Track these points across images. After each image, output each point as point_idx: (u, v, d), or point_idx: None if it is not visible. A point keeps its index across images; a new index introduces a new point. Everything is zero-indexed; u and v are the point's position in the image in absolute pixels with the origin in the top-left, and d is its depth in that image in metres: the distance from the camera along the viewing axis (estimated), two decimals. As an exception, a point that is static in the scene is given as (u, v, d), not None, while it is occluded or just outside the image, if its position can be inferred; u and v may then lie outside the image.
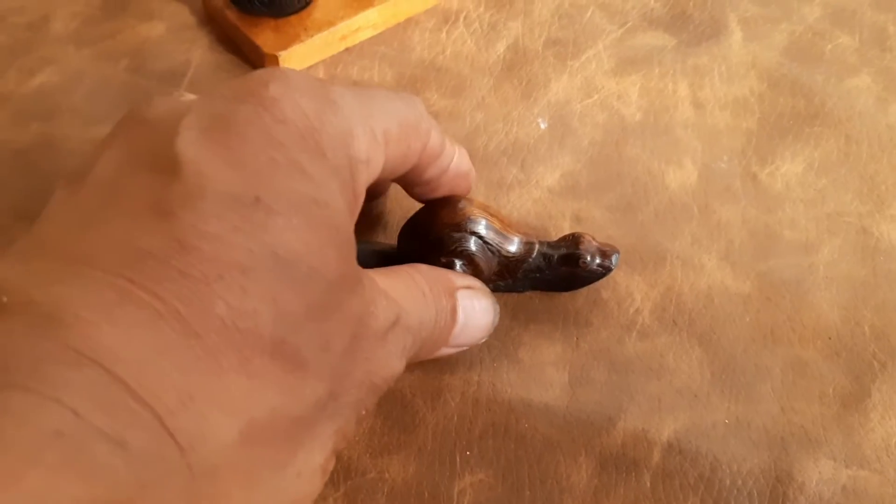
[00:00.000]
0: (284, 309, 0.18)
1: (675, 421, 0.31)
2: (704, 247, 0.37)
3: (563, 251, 0.33)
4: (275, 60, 0.43)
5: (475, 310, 0.28)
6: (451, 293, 0.27)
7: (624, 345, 0.34)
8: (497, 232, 0.31)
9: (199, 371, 0.16)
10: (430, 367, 0.32)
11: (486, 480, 0.30)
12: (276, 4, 0.43)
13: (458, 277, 0.29)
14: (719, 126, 0.41)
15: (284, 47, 0.43)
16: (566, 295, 0.35)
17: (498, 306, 0.31)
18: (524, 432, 0.31)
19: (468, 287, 0.29)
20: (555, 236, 0.37)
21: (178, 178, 0.18)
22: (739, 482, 0.30)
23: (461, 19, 0.46)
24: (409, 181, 0.29)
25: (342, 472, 0.30)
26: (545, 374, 0.33)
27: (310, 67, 0.44)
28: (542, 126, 0.41)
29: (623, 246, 0.37)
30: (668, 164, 0.40)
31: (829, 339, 0.34)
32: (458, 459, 0.30)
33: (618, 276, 0.36)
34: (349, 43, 0.45)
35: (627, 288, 0.35)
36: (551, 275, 0.33)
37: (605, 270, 0.33)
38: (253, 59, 0.44)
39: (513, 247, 0.32)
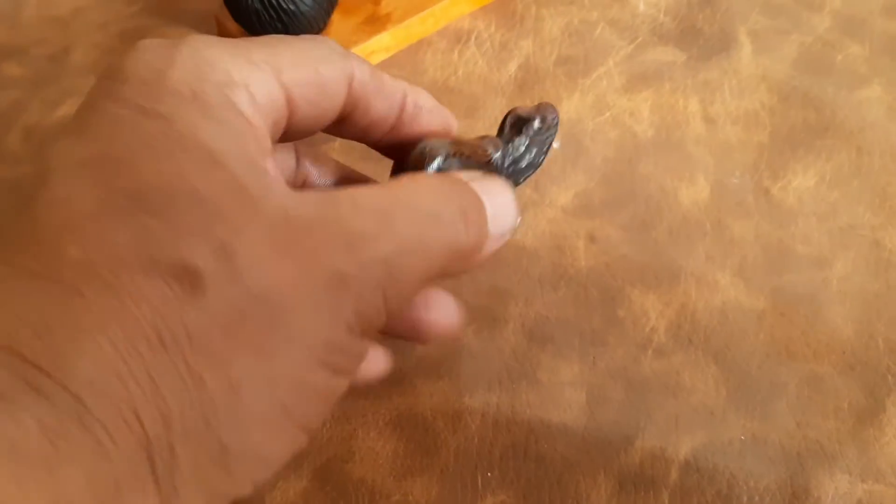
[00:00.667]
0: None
1: (692, 439, 0.32)
2: (718, 263, 0.37)
3: (509, 127, 0.30)
4: (291, 87, 0.44)
5: (494, 193, 0.25)
6: (463, 186, 0.24)
7: (640, 364, 0.34)
8: (465, 143, 0.28)
9: (57, 304, 0.17)
10: (450, 390, 0.33)
11: (507, 501, 0.31)
12: (290, 30, 0.44)
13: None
14: (731, 141, 0.41)
15: (300, 73, 0.44)
16: (582, 314, 0.36)
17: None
18: (544, 453, 0.32)
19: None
20: (570, 256, 0.38)
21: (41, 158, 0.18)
22: (756, 498, 0.30)
23: (472, 39, 0.47)
24: (360, 128, 0.26)
25: (367, 496, 0.31)
26: (563, 394, 0.33)
27: (325, 91, 0.45)
28: (556, 146, 0.42)
29: (638, 264, 0.37)
30: (680, 180, 0.40)
31: (844, 353, 0.34)
32: (479, 481, 0.31)
33: (633, 295, 0.36)
34: (363, 66, 0.46)
35: (643, 306, 0.36)
36: (519, 156, 0.30)
37: (552, 133, 0.30)
38: (269, 85, 0.45)
39: (489, 148, 0.28)
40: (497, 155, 0.28)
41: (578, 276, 0.37)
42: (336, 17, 0.46)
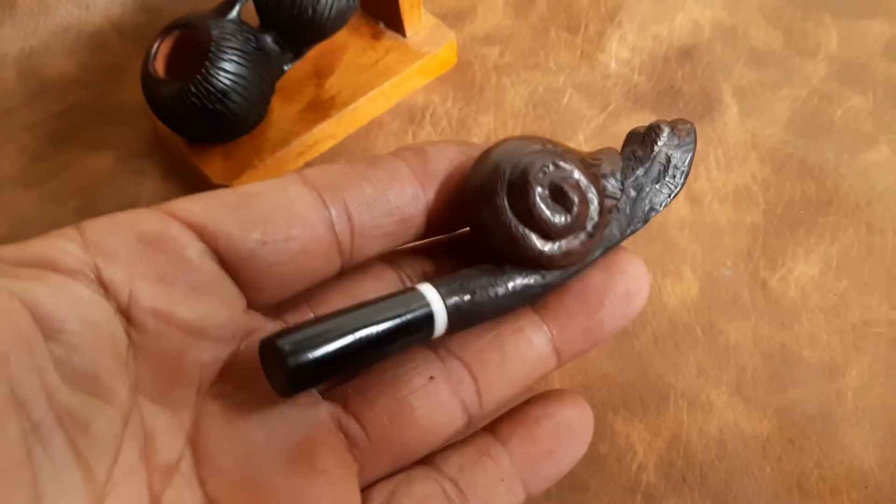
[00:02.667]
0: None
1: None
2: (712, 379, 0.32)
3: (631, 141, 0.23)
4: (226, 193, 0.39)
5: None
6: None
7: (627, 513, 0.29)
8: (573, 154, 0.21)
9: None
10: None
11: None
12: (223, 130, 0.39)
13: None
14: (720, 223, 0.36)
15: (236, 176, 0.39)
16: (558, 452, 0.31)
17: None
18: None
19: None
20: (542, 379, 0.33)
21: None
22: None
23: (427, 117, 0.42)
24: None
25: None
26: (538, 562, 0.29)
27: (267, 191, 0.41)
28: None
29: (620, 385, 0.32)
30: (664, 275, 0.35)
31: (866, 488, 0.29)
32: None
33: (616, 424, 0.31)
34: (308, 157, 0.42)
35: (628, 438, 0.31)
36: (651, 173, 0.22)
37: (690, 141, 0.23)
38: (204, 189, 0.41)
39: (603, 157, 0.22)
40: (614, 165, 0.22)
41: (553, 404, 0.32)
42: (277, 104, 0.42)
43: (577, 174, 0.20)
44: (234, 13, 0.38)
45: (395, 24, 0.44)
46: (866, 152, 0.38)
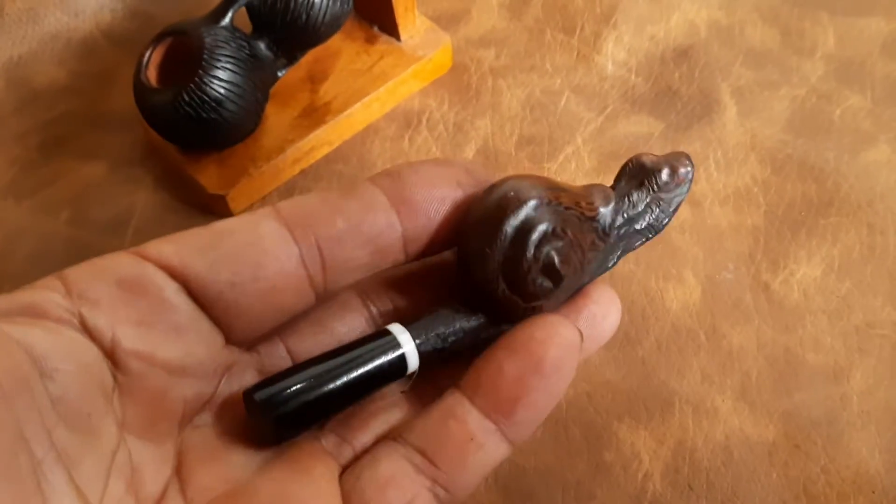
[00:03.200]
0: None
1: None
2: (717, 384, 0.32)
3: (628, 177, 0.23)
4: (222, 202, 0.39)
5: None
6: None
7: (634, 522, 0.29)
8: (564, 190, 0.21)
9: None
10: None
11: None
12: (217, 138, 0.39)
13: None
14: (721, 226, 0.36)
15: (231, 185, 0.39)
16: (564, 461, 0.31)
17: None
18: None
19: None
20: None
21: None
22: None
23: (424, 122, 0.42)
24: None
25: None
26: (545, 574, 0.28)
27: (262, 198, 0.40)
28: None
29: (624, 392, 0.32)
30: (666, 280, 0.35)
31: (874, 492, 0.29)
32: None
33: (621, 432, 0.31)
34: (304, 164, 0.41)
35: (633, 446, 0.31)
36: (636, 214, 0.22)
37: (684, 191, 0.23)
38: (199, 198, 0.40)
39: (597, 200, 0.22)
40: (606, 210, 0.21)
41: (557, 412, 0.32)
42: (271, 111, 0.41)
43: (571, 243, 0.20)
44: (226, 20, 0.38)
45: (390, 27, 0.43)
46: (866, 152, 0.38)
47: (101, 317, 0.18)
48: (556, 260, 0.20)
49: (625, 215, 0.22)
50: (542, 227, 0.20)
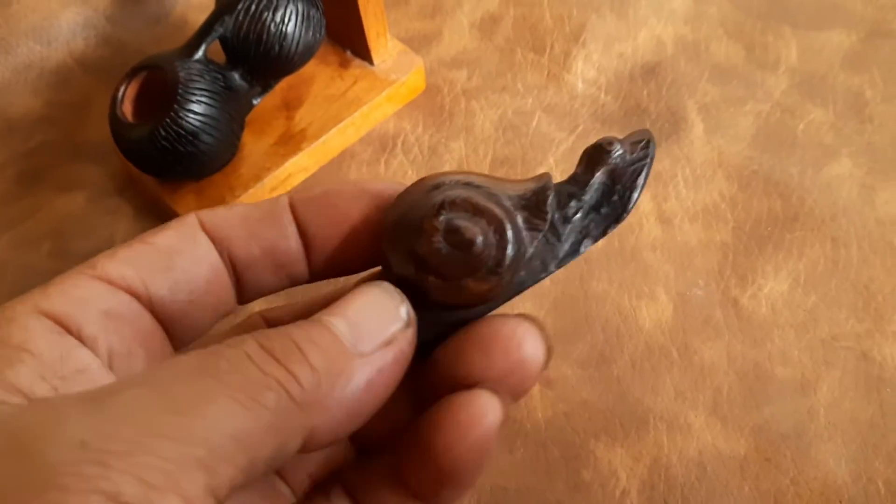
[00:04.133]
0: None
1: None
2: (689, 400, 0.33)
3: (584, 161, 0.21)
4: (201, 232, 0.39)
5: (348, 305, 0.19)
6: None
7: (613, 539, 0.30)
8: (498, 184, 0.21)
9: None
10: None
11: None
12: (195, 170, 0.39)
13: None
14: (690, 243, 0.37)
15: (210, 214, 0.39)
16: (543, 480, 0.32)
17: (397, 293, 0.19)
18: None
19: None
20: (525, 407, 0.34)
21: None
22: None
23: (399, 145, 0.43)
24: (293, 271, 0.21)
25: None
26: None
27: (242, 227, 0.41)
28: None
29: (600, 411, 0.33)
30: (639, 297, 0.36)
31: (840, 502, 0.30)
32: None
33: (598, 451, 0.32)
34: (281, 191, 0.42)
35: (610, 464, 0.32)
36: (592, 197, 0.21)
37: (643, 157, 0.21)
38: (179, 228, 0.41)
39: (530, 182, 0.21)
40: (538, 185, 0.20)
41: (536, 433, 0.33)
42: (248, 139, 0.42)
43: (487, 214, 0.19)
44: (200, 53, 0.38)
45: (362, 52, 0.44)
46: (829, 166, 0.39)
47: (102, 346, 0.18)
48: (461, 225, 0.19)
49: (582, 206, 0.21)
50: (443, 196, 0.20)
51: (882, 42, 0.43)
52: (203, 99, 0.37)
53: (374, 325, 0.18)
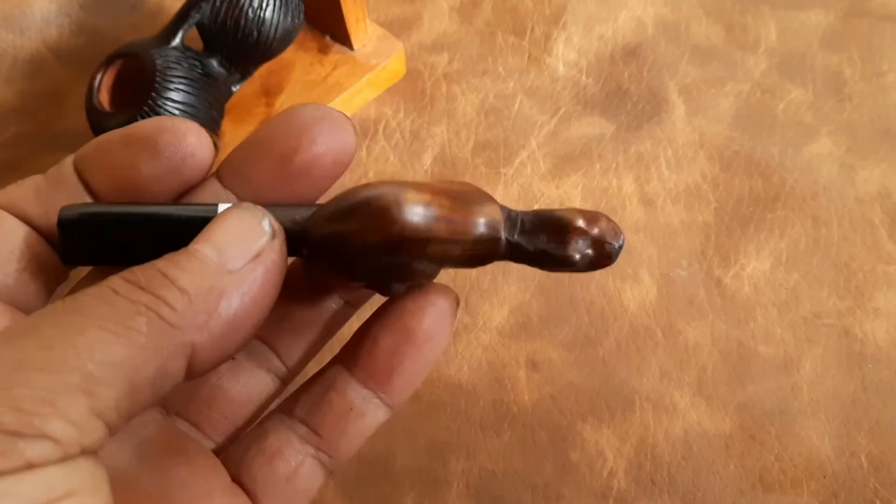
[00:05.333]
0: None
1: None
2: (675, 380, 0.33)
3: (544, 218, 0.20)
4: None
5: (215, 228, 0.18)
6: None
7: (601, 518, 0.30)
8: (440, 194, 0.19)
9: None
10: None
11: None
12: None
13: None
14: (673, 224, 0.37)
15: (191, 204, 0.39)
16: (531, 463, 0.32)
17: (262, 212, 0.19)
18: None
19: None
20: (511, 390, 0.34)
21: None
22: None
23: (381, 131, 0.42)
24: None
25: None
26: (518, 575, 0.29)
27: (224, 215, 0.41)
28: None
29: (586, 393, 0.33)
30: (623, 279, 0.36)
31: (825, 477, 0.31)
32: None
33: (585, 432, 0.32)
34: (263, 178, 0.41)
35: (597, 445, 0.32)
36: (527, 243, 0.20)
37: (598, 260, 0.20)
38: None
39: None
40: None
41: (523, 415, 0.33)
42: (228, 127, 0.41)
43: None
44: (177, 40, 0.38)
45: (342, 37, 0.43)
46: (809, 146, 0.39)
47: None
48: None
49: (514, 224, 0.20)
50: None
51: (860, 21, 0.44)
52: (181, 86, 0.37)
53: (240, 243, 0.18)
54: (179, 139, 0.19)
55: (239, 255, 0.18)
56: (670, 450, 0.32)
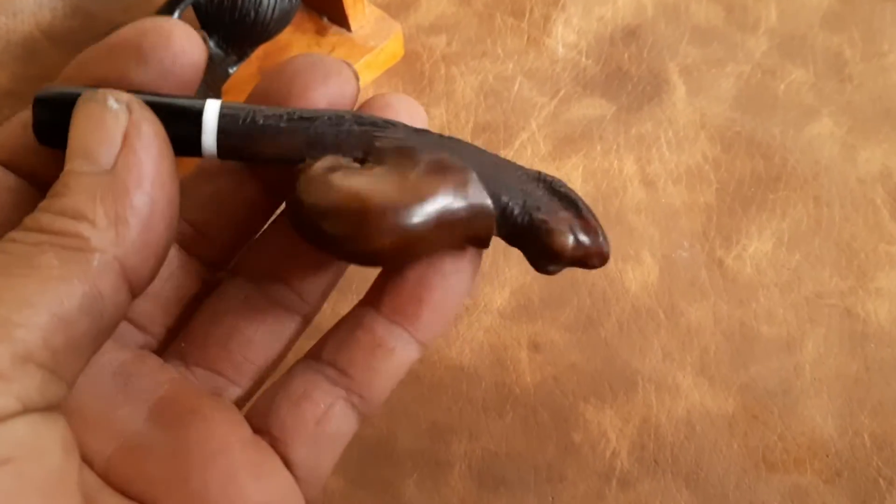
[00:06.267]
0: None
1: (671, 592, 0.28)
2: (677, 361, 0.33)
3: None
4: (179, 205, 0.39)
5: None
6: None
7: (605, 499, 0.30)
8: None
9: None
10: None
11: None
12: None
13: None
14: (675, 205, 0.37)
15: (188, 187, 0.39)
16: (534, 444, 0.32)
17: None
18: None
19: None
20: (513, 372, 0.34)
21: None
22: None
23: (379, 113, 0.42)
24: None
25: None
26: (522, 555, 0.29)
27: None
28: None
29: (589, 374, 0.33)
30: (625, 260, 0.36)
31: (828, 456, 0.31)
32: None
33: (588, 413, 0.32)
34: (261, 161, 0.41)
35: (600, 426, 0.32)
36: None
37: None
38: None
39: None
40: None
41: (525, 396, 0.33)
42: (223, 109, 0.41)
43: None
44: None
45: (340, 18, 0.43)
46: (810, 126, 0.39)
47: None
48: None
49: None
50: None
51: (860, 1, 0.43)
52: (178, 68, 0.36)
53: (99, 138, 0.17)
54: (165, 39, 0.18)
55: (105, 150, 0.16)
56: (673, 430, 0.32)
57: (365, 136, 0.18)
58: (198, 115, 0.18)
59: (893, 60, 0.41)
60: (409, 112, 0.20)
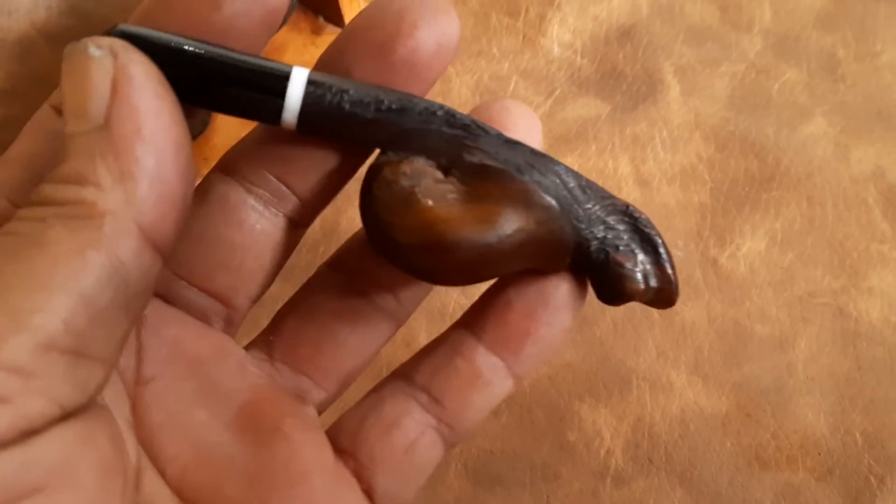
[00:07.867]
0: None
1: (665, 589, 0.29)
2: (671, 360, 0.33)
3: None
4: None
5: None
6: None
7: (600, 497, 0.31)
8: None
9: None
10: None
11: None
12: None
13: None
14: (669, 204, 0.37)
15: (184, 186, 0.39)
16: (529, 443, 0.32)
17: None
18: None
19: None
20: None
21: None
22: None
23: (375, 112, 0.42)
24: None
25: None
26: (517, 553, 0.30)
27: (218, 198, 0.40)
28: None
29: (584, 373, 0.33)
30: (619, 260, 0.36)
31: (820, 454, 0.31)
32: None
33: (583, 412, 0.33)
34: (257, 161, 0.41)
35: (595, 424, 0.32)
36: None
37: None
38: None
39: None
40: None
41: (521, 396, 0.33)
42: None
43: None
44: (169, 20, 0.37)
45: (335, 17, 0.43)
46: (804, 126, 0.39)
47: None
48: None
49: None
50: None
51: (854, 1, 0.44)
52: (174, 68, 0.37)
53: (87, 91, 0.15)
54: None
55: (95, 104, 0.15)
56: (667, 429, 0.32)
57: (454, 143, 0.17)
58: (281, 84, 0.16)
59: (886, 60, 0.41)
60: (525, 121, 0.18)
